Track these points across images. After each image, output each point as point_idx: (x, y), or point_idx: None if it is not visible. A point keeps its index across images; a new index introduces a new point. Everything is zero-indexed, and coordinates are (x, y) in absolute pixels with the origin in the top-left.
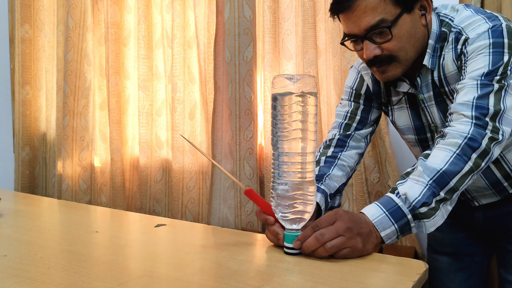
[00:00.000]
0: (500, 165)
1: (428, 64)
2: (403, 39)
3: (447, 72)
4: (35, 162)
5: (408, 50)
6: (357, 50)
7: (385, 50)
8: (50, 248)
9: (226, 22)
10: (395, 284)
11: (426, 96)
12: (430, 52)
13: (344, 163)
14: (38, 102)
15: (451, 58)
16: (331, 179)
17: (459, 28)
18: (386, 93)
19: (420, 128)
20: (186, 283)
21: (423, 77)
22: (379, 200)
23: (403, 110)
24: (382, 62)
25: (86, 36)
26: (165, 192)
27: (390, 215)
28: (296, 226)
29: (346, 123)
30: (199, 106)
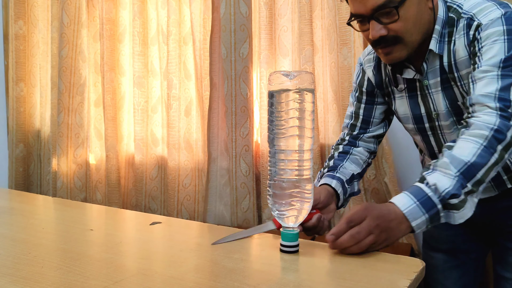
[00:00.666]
0: None
1: (435, 49)
2: (409, 21)
3: (457, 58)
4: (29, 160)
5: (413, 33)
6: (363, 30)
7: (391, 31)
8: (44, 247)
9: (222, 18)
10: (392, 283)
11: (431, 82)
12: (437, 37)
13: (356, 157)
14: (33, 99)
15: (462, 44)
16: (346, 168)
17: (471, 14)
18: (389, 82)
19: (418, 117)
20: (181, 281)
21: (430, 63)
22: (408, 190)
23: (402, 99)
24: (387, 43)
25: (81, 32)
26: (160, 189)
27: (421, 205)
28: (293, 224)
29: (351, 123)
30: (195, 103)
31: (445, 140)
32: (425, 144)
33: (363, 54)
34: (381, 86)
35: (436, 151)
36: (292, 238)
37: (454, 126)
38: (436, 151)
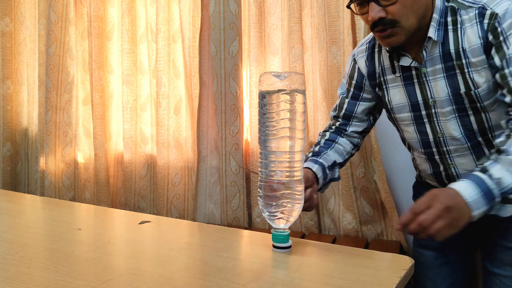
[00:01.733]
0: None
1: (434, 36)
2: (407, 4)
3: (469, 45)
4: (16, 158)
5: (410, 16)
6: (362, 13)
7: (389, 13)
8: (31, 247)
9: (211, 16)
10: (381, 280)
11: (429, 70)
12: (435, 26)
13: (340, 147)
14: (20, 97)
15: (476, 33)
16: (329, 155)
17: (482, 4)
18: (382, 72)
19: (415, 105)
20: (170, 280)
21: (429, 51)
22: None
23: (398, 88)
24: (385, 25)
25: (69, 29)
26: (150, 188)
27: (485, 195)
28: (284, 225)
29: (334, 115)
30: (184, 101)
31: (441, 128)
32: (419, 134)
33: (357, 46)
34: (373, 76)
35: (431, 139)
36: (283, 240)
37: (452, 114)
38: (431, 139)
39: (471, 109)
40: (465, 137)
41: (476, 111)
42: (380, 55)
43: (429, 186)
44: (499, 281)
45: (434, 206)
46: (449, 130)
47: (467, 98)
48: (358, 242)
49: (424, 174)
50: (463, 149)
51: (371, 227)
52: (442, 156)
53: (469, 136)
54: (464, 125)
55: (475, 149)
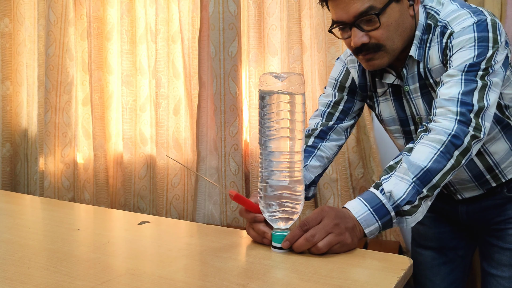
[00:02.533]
0: (483, 157)
1: (414, 55)
2: (391, 28)
3: (431, 65)
4: (16, 159)
5: (395, 40)
6: (345, 38)
7: (373, 38)
8: (30, 247)
9: (211, 17)
10: (380, 280)
11: (411, 87)
12: (417, 44)
13: (322, 154)
14: (19, 97)
15: (436, 52)
16: (308, 170)
17: (445, 22)
18: (372, 85)
19: (404, 120)
20: (170, 281)
21: (409, 69)
22: (363, 196)
23: (387, 102)
24: (369, 50)
25: (68, 30)
26: (149, 188)
27: (374, 212)
28: (284, 226)
29: (329, 111)
30: (183, 101)
31: None
32: None
33: (345, 54)
34: (364, 88)
35: None
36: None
37: None
38: None
39: None
40: None
41: None
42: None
43: None
44: (496, 282)
45: (322, 222)
46: None
47: None
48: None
49: None
50: None
51: None
52: None
53: None
54: None
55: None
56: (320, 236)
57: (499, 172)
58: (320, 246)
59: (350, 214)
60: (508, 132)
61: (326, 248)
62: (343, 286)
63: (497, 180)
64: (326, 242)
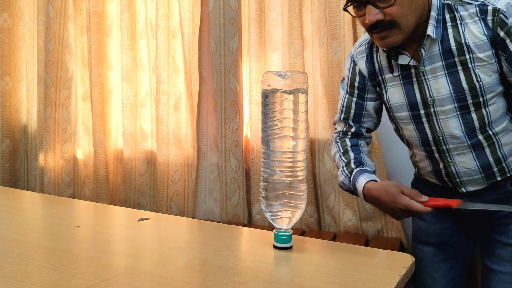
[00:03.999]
0: (494, 148)
1: (432, 34)
2: (405, 5)
3: (472, 41)
4: (16, 155)
5: (409, 17)
6: (359, 16)
7: (387, 15)
8: (29, 244)
9: (211, 12)
10: (382, 278)
11: (427, 68)
12: (433, 23)
13: (365, 149)
14: (19, 93)
15: (480, 29)
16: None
17: (481, 1)
18: (380, 71)
19: (414, 104)
20: (170, 280)
21: (428, 49)
22: None
23: (396, 87)
24: (383, 27)
25: (68, 25)
26: (150, 184)
27: None
28: (287, 226)
29: (343, 117)
30: (184, 97)
31: (440, 127)
32: (418, 133)
33: (355, 47)
34: (373, 76)
35: (430, 138)
36: (285, 240)
37: (453, 112)
38: (430, 138)
39: (473, 105)
40: (466, 135)
41: (477, 107)
42: (378, 54)
43: (429, 183)
44: (498, 278)
45: None
46: (449, 128)
47: (470, 93)
48: (358, 239)
49: (424, 172)
50: (462, 148)
51: (371, 224)
52: (441, 155)
53: (469, 134)
54: (466, 122)
55: (474, 147)
56: None
57: (506, 165)
58: None
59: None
60: None
61: None
62: (345, 284)
63: (502, 174)
64: None
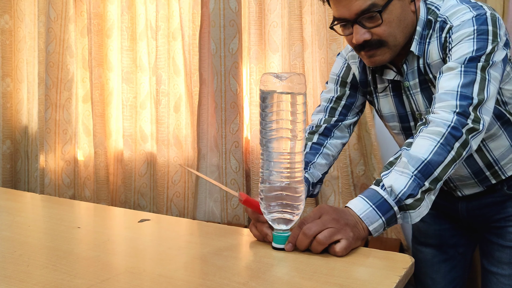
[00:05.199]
0: (482, 154)
1: (415, 50)
2: (393, 24)
3: (431, 60)
4: (16, 156)
5: (397, 36)
6: (346, 34)
7: (375, 35)
8: (30, 245)
9: (211, 14)
10: (381, 279)
11: (411, 83)
12: (418, 39)
13: (328, 152)
14: (19, 94)
15: (436, 47)
16: (315, 167)
17: (444, 17)
18: (373, 81)
19: (403, 116)
20: (170, 279)
21: (409, 64)
22: (364, 194)
23: (387, 98)
24: (371, 46)
25: (68, 27)
26: (150, 186)
27: (377, 208)
28: (286, 226)
29: (331, 106)
30: (184, 98)
31: None
32: None
33: (346, 49)
34: (364, 84)
35: None
36: (284, 241)
37: None
38: None
39: None
40: None
41: None
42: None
43: None
44: (497, 280)
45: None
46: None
47: None
48: None
49: None
50: None
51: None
52: None
53: None
54: None
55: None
56: (318, 229)
57: (498, 169)
58: (320, 238)
59: (352, 212)
60: (508, 129)
61: (327, 239)
62: (344, 285)
63: (497, 177)
64: (326, 234)
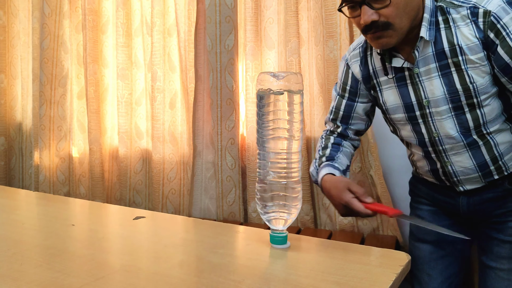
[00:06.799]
0: (489, 147)
1: (426, 36)
2: (400, 6)
3: (465, 43)
4: (11, 153)
5: (403, 18)
6: (354, 16)
7: (382, 16)
8: (24, 243)
9: (207, 10)
10: (378, 276)
11: (422, 70)
12: (427, 25)
13: (347, 150)
14: (14, 90)
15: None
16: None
17: (472, 3)
18: (374, 74)
19: (409, 106)
20: (165, 277)
21: (421, 51)
22: None
23: (391, 89)
24: (377, 28)
25: (63, 23)
26: (145, 183)
27: None
28: (283, 227)
29: (332, 118)
30: (179, 95)
31: (436, 127)
32: (415, 133)
33: (349, 50)
34: (367, 79)
35: (426, 139)
36: (281, 241)
37: (448, 113)
38: (427, 139)
39: (468, 105)
40: (461, 135)
41: (472, 108)
42: (372, 58)
43: (426, 182)
44: (495, 274)
45: None
46: (444, 129)
47: (464, 94)
48: (354, 237)
49: (421, 171)
50: (458, 147)
51: (367, 222)
52: (438, 155)
53: (464, 134)
54: (460, 123)
55: (470, 146)
56: None
57: (502, 164)
58: None
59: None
60: None
61: None
62: (340, 283)
63: (500, 173)
64: None
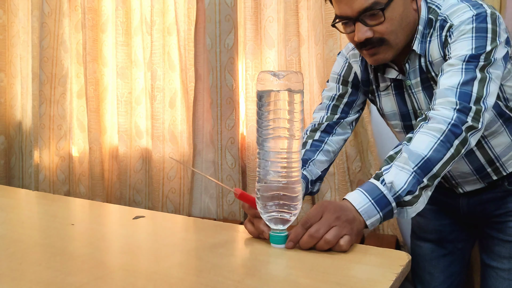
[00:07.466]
0: (484, 151)
1: (417, 49)
2: (395, 22)
3: (433, 59)
4: (10, 152)
5: (398, 34)
6: (348, 32)
7: (377, 32)
8: (23, 242)
9: (207, 8)
10: (378, 276)
11: (413, 82)
12: (419, 38)
13: (329, 148)
14: (13, 89)
15: (436, 46)
16: (315, 164)
17: (445, 16)
18: (375, 80)
19: (405, 115)
20: (165, 277)
21: (411, 63)
22: (363, 187)
23: (389, 96)
24: (372, 44)
25: (63, 22)
26: (145, 182)
27: (375, 203)
28: (283, 226)
29: (333, 104)
30: (179, 94)
31: None
32: None
33: (347, 49)
34: (366, 83)
35: None
36: (281, 241)
37: None
38: None
39: None
40: None
41: None
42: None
43: None
44: (496, 274)
45: (324, 217)
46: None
47: None
48: None
49: None
50: None
51: None
52: None
53: None
54: None
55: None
56: (324, 230)
57: (500, 165)
58: (329, 238)
59: (350, 206)
60: (510, 126)
61: (335, 239)
62: (340, 283)
63: (498, 174)
64: (333, 233)
